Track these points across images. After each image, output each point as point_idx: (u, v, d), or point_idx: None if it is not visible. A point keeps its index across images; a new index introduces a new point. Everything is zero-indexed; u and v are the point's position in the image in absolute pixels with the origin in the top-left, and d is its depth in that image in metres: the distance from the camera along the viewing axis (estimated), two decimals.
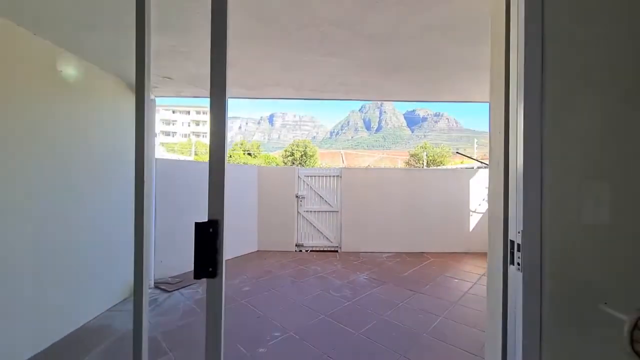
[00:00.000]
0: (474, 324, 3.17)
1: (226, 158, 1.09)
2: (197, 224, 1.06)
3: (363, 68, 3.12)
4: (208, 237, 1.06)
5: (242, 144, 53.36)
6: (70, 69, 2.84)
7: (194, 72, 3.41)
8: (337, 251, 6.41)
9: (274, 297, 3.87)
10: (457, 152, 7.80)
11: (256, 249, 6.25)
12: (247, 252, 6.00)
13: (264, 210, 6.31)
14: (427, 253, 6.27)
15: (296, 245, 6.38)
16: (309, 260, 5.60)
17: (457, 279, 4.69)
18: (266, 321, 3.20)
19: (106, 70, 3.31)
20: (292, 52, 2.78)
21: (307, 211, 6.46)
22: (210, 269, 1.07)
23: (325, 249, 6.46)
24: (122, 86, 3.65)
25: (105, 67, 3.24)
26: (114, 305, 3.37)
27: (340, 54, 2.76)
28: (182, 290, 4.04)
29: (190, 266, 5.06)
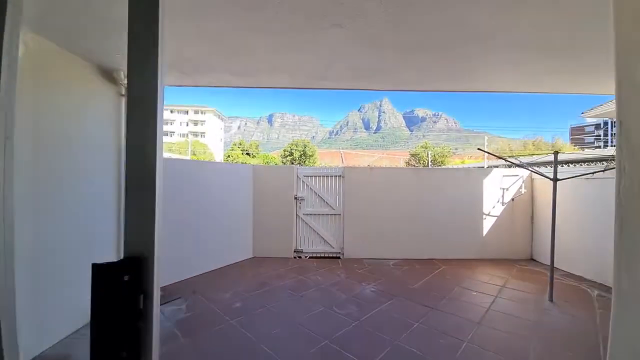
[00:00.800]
0: (506, 351, 2.66)
1: (160, 157, 0.58)
2: (96, 267, 0.54)
3: (374, 45, 2.60)
4: (121, 290, 0.55)
5: (240, 144, 52.83)
6: None
7: (174, 52, 2.89)
8: (339, 257, 5.89)
9: (269, 316, 3.35)
10: (479, 149, 7.33)
11: (251, 255, 5.73)
12: (240, 260, 5.48)
13: (260, 213, 5.79)
14: (437, 260, 5.76)
15: (295, 251, 5.86)
16: (309, 269, 5.08)
17: (474, 291, 4.18)
18: (258, 349, 2.68)
19: (67, 49, 2.78)
20: (288, 23, 2.26)
21: (306, 214, 5.94)
22: (125, 354, 0.55)
23: (327, 255, 5.94)
24: (91, 71, 3.12)
25: (65, 44, 2.70)
26: (77, 330, 2.84)
27: (347, 25, 2.24)
28: (164, 307, 3.52)
29: (179, 274, 4.56)
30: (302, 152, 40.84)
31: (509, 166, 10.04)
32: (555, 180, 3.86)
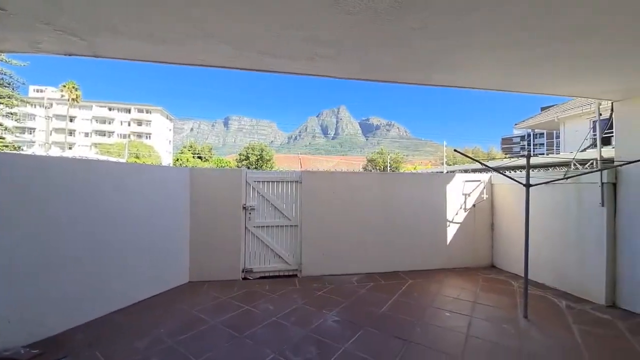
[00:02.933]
0: None
1: None
2: None
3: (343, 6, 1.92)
4: None
5: (191, 147, 48.99)
6: None
7: None
8: (296, 276, 5.09)
9: None
10: (455, 150, 7.22)
11: (187, 280, 4.63)
12: (172, 287, 4.35)
13: (199, 228, 4.73)
14: (403, 272, 5.30)
15: (243, 271, 4.91)
16: (259, 294, 4.20)
17: (447, 311, 3.72)
18: None
19: None
20: None
21: (257, 226, 5.05)
22: None
23: (282, 273, 5.10)
24: None
25: None
26: None
27: None
28: None
29: (66, 323, 3.30)
30: (259, 157, 39.15)
31: (466, 171, 10.35)
32: (528, 185, 3.60)
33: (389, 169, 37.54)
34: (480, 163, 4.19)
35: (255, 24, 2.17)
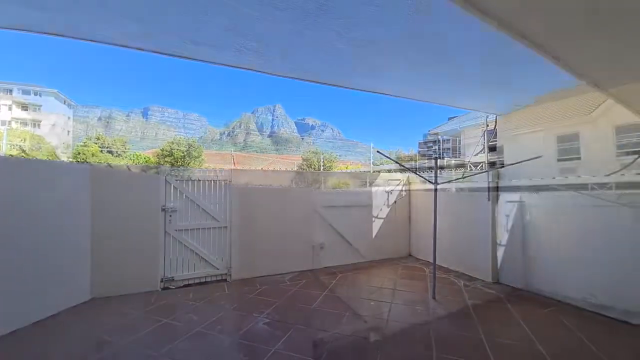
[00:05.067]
0: None
1: None
2: None
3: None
4: None
5: (98, 139, 41.58)
6: None
7: None
8: (226, 280, 4.81)
9: None
10: (378, 152, 7.71)
11: (88, 297, 3.91)
12: (66, 307, 3.61)
13: (104, 235, 4.04)
14: (334, 267, 5.54)
15: (162, 281, 4.40)
16: (181, 305, 3.82)
17: (372, 300, 4.04)
18: None
19: None
20: None
21: (180, 230, 4.59)
22: None
23: (209, 279, 4.75)
24: None
25: None
26: None
27: None
28: None
29: None
30: (185, 153, 35.52)
31: (389, 171, 11.47)
32: (435, 184, 4.16)
33: (322, 168, 38.82)
34: (399, 164, 4.69)
35: (166, 2, 1.94)
